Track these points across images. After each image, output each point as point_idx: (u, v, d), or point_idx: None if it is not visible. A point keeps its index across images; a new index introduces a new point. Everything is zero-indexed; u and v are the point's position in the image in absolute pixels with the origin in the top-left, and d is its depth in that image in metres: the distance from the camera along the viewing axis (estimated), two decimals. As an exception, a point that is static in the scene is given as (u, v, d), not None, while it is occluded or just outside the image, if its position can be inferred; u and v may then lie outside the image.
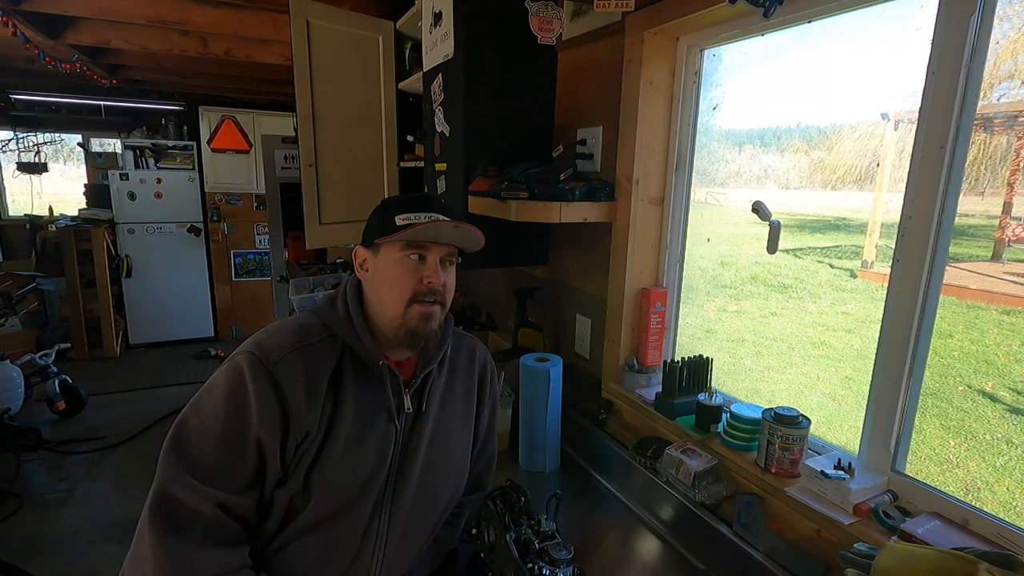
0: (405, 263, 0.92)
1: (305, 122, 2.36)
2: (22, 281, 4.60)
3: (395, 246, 0.92)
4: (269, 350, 0.87)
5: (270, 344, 0.88)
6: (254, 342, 0.89)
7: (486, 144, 1.60)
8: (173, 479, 0.80)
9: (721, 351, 2.92)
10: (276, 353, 0.87)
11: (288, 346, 0.88)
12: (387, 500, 0.94)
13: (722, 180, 1.74)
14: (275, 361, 0.86)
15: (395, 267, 0.92)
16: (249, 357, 0.86)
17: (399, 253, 0.92)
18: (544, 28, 1.56)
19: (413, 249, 0.92)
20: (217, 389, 0.86)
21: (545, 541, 1.06)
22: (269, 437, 0.84)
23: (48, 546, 2.59)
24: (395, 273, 0.92)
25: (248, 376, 0.84)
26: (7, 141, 5.26)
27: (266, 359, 0.86)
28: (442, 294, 0.93)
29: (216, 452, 0.82)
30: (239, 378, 0.85)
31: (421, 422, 0.98)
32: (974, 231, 2.56)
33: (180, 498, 0.80)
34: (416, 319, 0.91)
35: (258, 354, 0.86)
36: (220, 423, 0.83)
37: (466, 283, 2.64)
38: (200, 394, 0.87)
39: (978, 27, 0.90)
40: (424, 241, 0.92)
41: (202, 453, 0.82)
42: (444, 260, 0.95)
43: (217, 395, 0.85)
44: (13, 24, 2.73)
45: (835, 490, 1.04)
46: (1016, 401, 2.50)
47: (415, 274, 0.91)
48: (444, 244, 0.94)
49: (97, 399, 4.12)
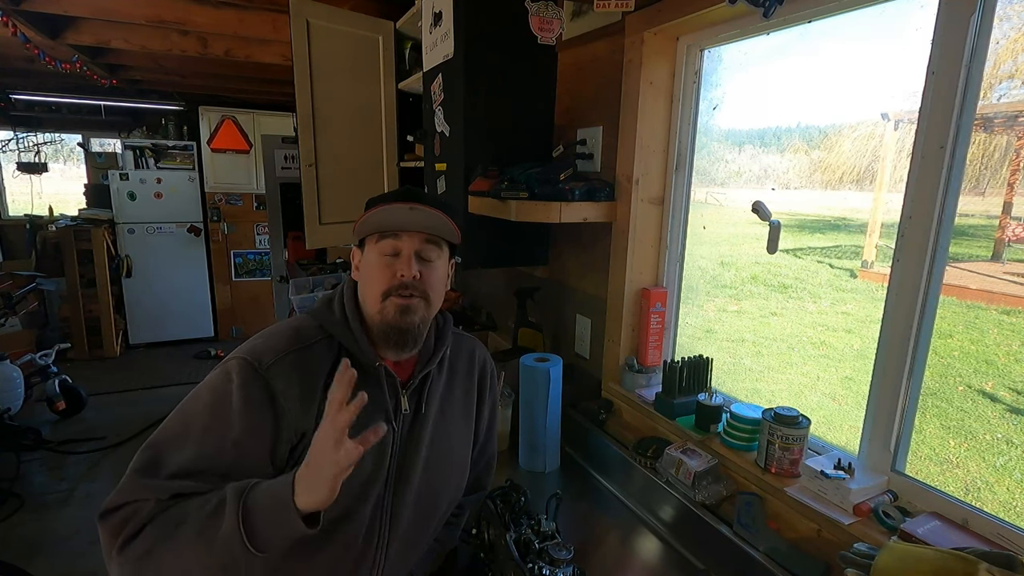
0: (382, 259, 0.92)
1: (305, 122, 2.36)
2: (22, 281, 4.61)
3: (373, 240, 0.93)
4: (263, 353, 0.87)
5: (264, 348, 0.88)
6: (248, 347, 0.89)
7: (486, 144, 1.60)
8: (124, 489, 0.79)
9: (721, 351, 2.92)
10: (270, 356, 0.87)
11: (283, 349, 0.88)
12: (388, 501, 0.94)
13: (722, 180, 1.74)
14: (268, 364, 0.86)
15: (374, 262, 0.93)
16: (240, 363, 0.86)
17: (375, 247, 0.93)
18: (544, 28, 1.56)
19: (385, 239, 0.92)
20: (203, 393, 0.86)
21: (545, 541, 1.06)
22: (253, 440, 0.82)
23: (48, 546, 2.59)
24: (373, 268, 0.93)
25: (236, 382, 0.83)
26: (7, 141, 5.26)
27: (259, 363, 0.85)
28: (421, 288, 0.92)
29: (188, 453, 0.80)
30: (225, 385, 0.84)
31: (420, 423, 0.98)
32: (974, 231, 2.57)
33: (128, 500, 0.78)
34: (393, 312, 0.91)
35: (250, 359, 0.86)
36: (199, 425, 0.82)
37: (466, 283, 2.64)
38: (184, 402, 0.87)
39: (978, 27, 0.90)
40: (393, 230, 0.91)
41: (172, 457, 0.80)
42: (422, 252, 0.93)
43: (200, 401, 0.85)
44: (13, 24, 2.73)
45: (835, 490, 1.04)
46: (1016, 401, 2.49)
47: (389, 268, 0.92)
48: (417, 233, 0.92)
49: (97, 399, 4.12)
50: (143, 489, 0.78)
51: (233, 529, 0.73)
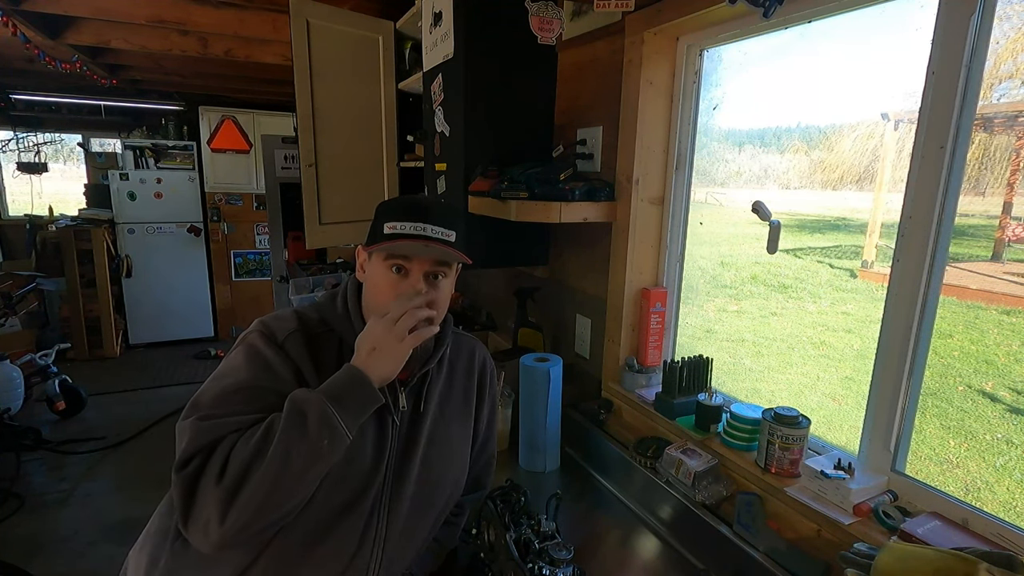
0: (389, 276, 0.91)
1: (305, 122, 2.36)
2: (22, 281, 4.60)
3: (381, 255, 0.92)
4: (276, 330, 0.91)
5: (276, 326, 0.93)
6: (260, 323, 0.93)
7: (486, 144, 1.60)
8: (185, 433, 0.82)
9: (721, 351, 2.92)
10: (282, 333, 0.91)
11: (292, 329, 0.92)
12: (386, 497, 0.94)
13: (722, 180, 1.74)
14: (282, 340, 0.90)
15: (381, 278, 0.92)
16: (260, 335, 0.90)
17: (383, 264, 0.92)
18: (544, 28, 1.56)
19: (395, 260, 0.91)
20: (235, 359, 0.90)
21: (545, 541, 1.06)
22: (288, 382, 0.87)
23: (48, 546, 2.59)
24: (381, 284, 0.93)
25: (264, 347, 0.89)
26: (7, 141, 5.26)
27: (274, 337, 0.90)
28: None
29: (234, 396, 0.84)
30: (255, 349, 0.89)
31: (419, 421, 0.99)
32: (974, 231, 2.57)
33: (203, 444, 0.80)
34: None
35: (266, 332, 0.91)
36: (241, 375, 0.86)
37: (466, 283, 2.64)
38: (217, 369, 0.90)
39: (978, 27, 0.90)
40: (405, 255, 0.91)
41: (217, 401, 0.84)
42: (431, 274, 0.93)
43: (236, 362, 0.89)
44: (13, 24, 2.73)
45: (835, 490, 1.04)
46: (1016, 401, 2.50)
47: (395, 289, 0.91)
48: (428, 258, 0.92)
49: (97, 399, 4.12)
50: (212, 429, 0.80)
51: (323, 413, 0.78)
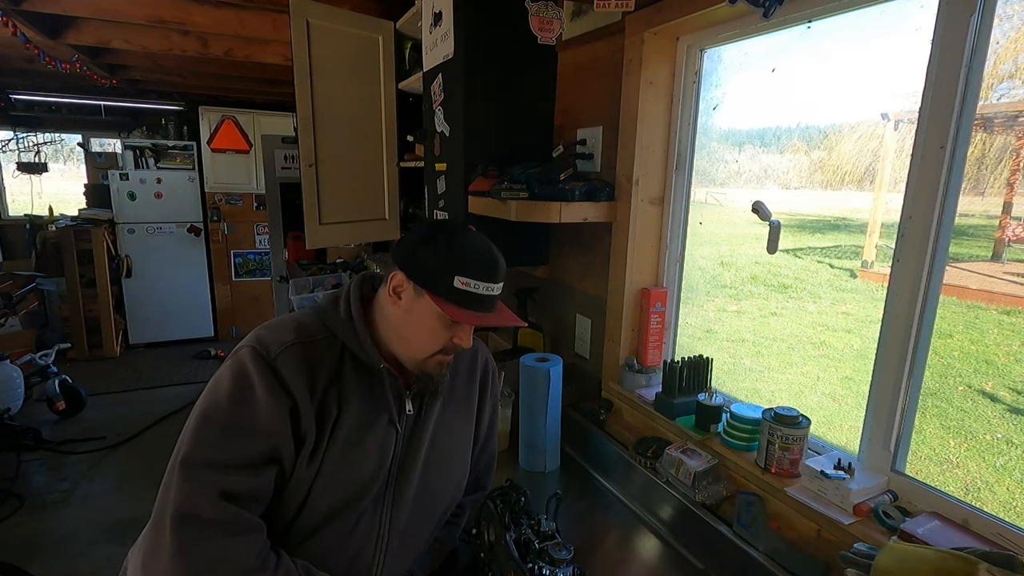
0: (441, 321, 0.92)
1: (305, 122, 2.36)
2: (22, 281, 4.61)
3: (441, 303, 0.90)
4: (270, 344, 0.87)
5: (270, 339, 0.88)
6: (255, 337, 0.90)
7: (486, 144, 1.60)
8: (181, 488, 0.80)
9: (721, 351, 2.92)
10: (276, 347, 0.87)
11: (289, 341, 0.88)
12: (388, 499, 0.94)
13: (722, 180, 1.74)
14: (275, 354, 0.86)
15: (433, 320, 0.91)
16: (252, 352, 0.86)
17: (438, 310, 0.90)
18: (544, 28, 1.56)
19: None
20: (222, 385, 0.86)
21: (545, 541, 1.06)
22: (280, 425, 0.84)
23: (48, 546, 2.59)
24: (432, 325, 0.92)
25: (253, 371, 0.85)
26: (7, 141, 5.26)
27: (267, 353, 0.86)
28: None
29: (220, 443, 0.82)
30: (243, 373, 0.85)
31: (422, 423, 0.99)
32: (974, 231, 2.56)
33: (188, 498, 0.79)
34: (434, 366, 0.95)
35: (259, 348, 0.87)
36: (225, 414, 0.83)
37: (466, 283, 2.63)
38: (203, 395, 0.87)
39: (978, 27, 0.90)
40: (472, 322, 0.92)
41: (206, 446, 0.82)
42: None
43: (221, 391, 0.85)
44: (13, 24, 2.73)
45: (835, 490, 1.04)
46: (1016, 401, 2.50)
47: (448, 331, 0.93)
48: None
49: (97, 399, 4.12)
50: (197, 491, 0.79)
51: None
